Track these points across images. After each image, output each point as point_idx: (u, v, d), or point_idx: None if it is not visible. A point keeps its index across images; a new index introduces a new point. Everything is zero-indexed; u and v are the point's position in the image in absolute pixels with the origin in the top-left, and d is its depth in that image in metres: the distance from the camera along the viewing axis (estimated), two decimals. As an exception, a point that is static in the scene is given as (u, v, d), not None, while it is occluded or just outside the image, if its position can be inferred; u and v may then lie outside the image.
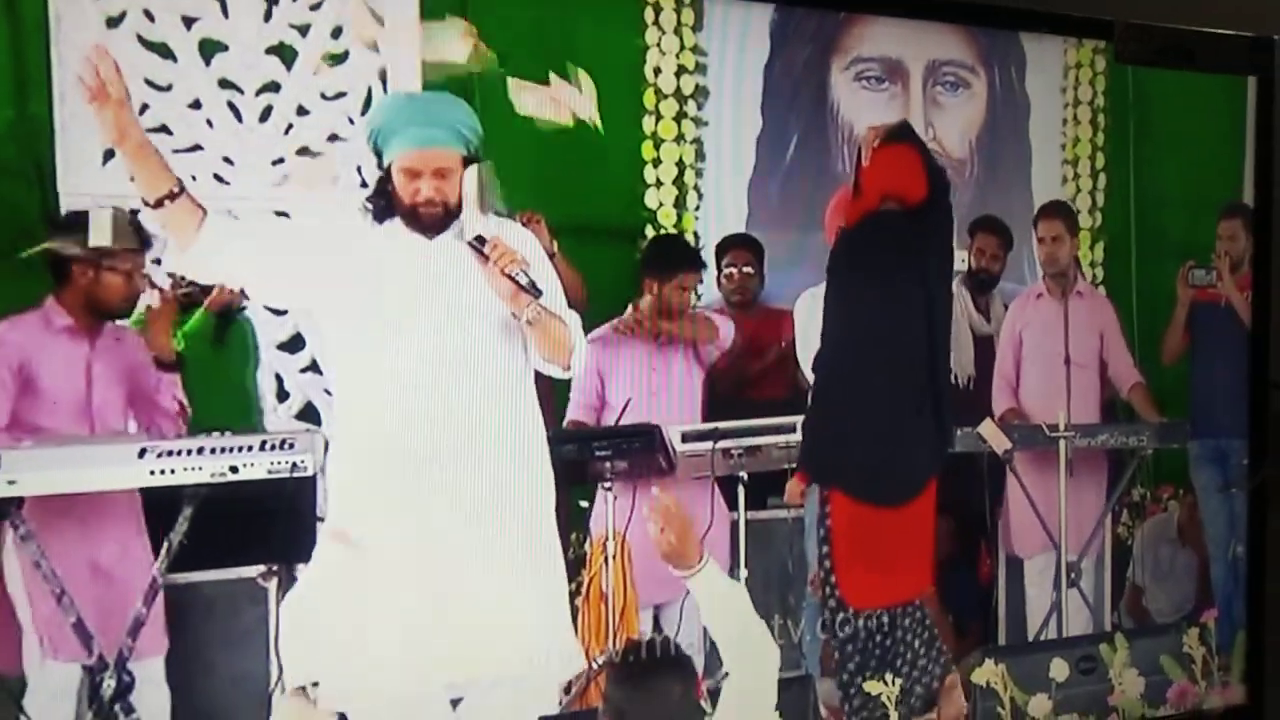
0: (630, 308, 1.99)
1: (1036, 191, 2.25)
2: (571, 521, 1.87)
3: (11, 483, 1.55)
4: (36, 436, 1.60)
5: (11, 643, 1.61)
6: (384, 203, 1.67)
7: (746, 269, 2.05)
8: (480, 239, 1.65)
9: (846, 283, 2.00)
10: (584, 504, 1.93)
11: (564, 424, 1.95)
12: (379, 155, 1.66)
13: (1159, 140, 2.32)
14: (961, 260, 2.21)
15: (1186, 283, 2.36)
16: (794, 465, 2.04)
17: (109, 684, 1.64)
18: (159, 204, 1.54)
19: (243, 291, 1.70)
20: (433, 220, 1.66)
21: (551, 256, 1.77)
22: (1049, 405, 2.27)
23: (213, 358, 1.76)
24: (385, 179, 1.66)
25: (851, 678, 2.05)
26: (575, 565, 1.89)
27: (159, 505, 1.64)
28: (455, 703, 1.73)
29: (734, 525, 2.01)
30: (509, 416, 1.72)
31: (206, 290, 1.71)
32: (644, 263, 1.98)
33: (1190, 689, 2.35)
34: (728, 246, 2.05)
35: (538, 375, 1.75)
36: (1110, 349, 2.35)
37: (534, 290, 1.65)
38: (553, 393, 1.84)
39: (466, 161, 1.68)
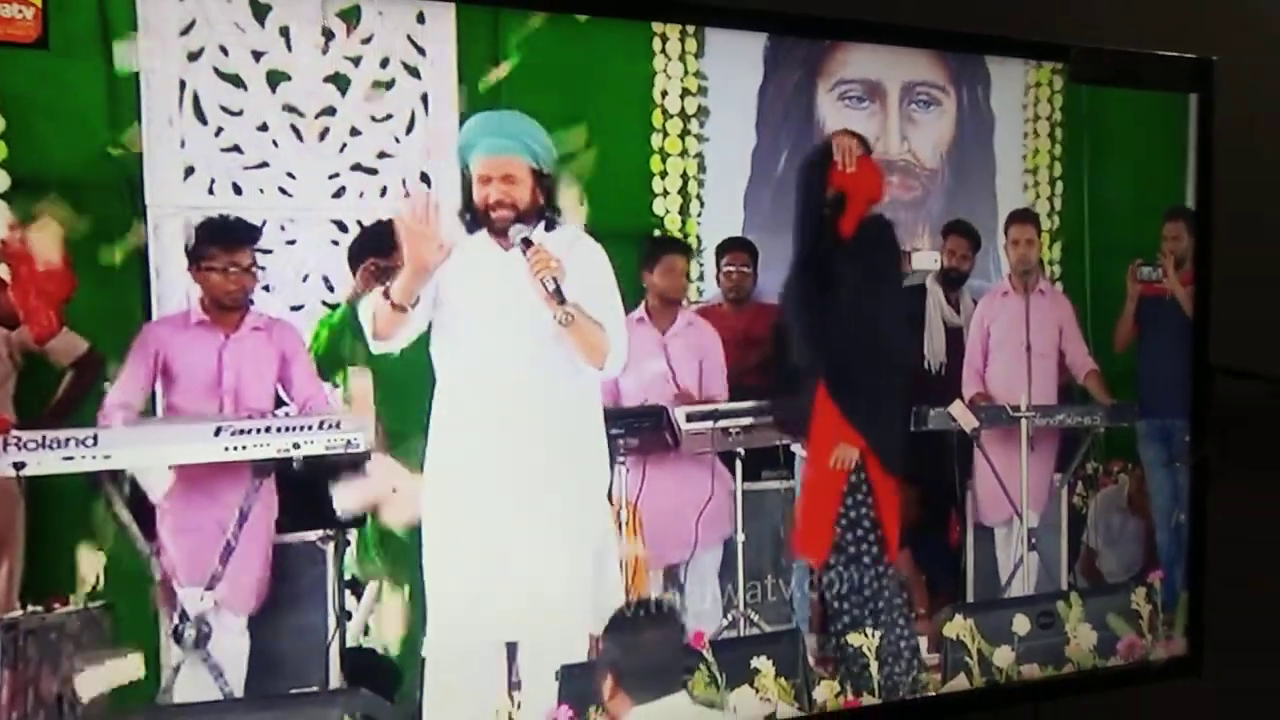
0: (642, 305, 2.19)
1: (1000, 198, 2.44)
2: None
3: (108, 457, 1.77)
4: (171, 414, 1.83)
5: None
6: (470, 215, 1.88)
7: (743, 269, 2.26)
8: (527, 241, 1.85)
9: (854, 282, 2.21)
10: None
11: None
12: (466, 171, 1.87)
13: (1109, 151, 2.50)
14: (935, 260, 2.42)
15: (1135, 278, 2.55)
16: (785, 442, 2.28)
17: (190, 633, 1.87)
18: (394, 306, 1.80)
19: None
20: (504, 224, 1.86)
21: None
22: (1012, 389, 2.47)
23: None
24: (469, 194, 1.87)
25: (844, 630, 2.27)
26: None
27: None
28: (511, 648, 1.95)
29: (732, 495, 2.23)
30: (570, 404, 1.94)
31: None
32: (642, 262, 2.17)
33: (1138, 642, 2.53)
34: (726, 249, 2.26)
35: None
36: (1068, 339, 2.54)
37: (558, 297, 1.85)
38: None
39: (536, 175, 1.89)
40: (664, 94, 2.13)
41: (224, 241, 1.82)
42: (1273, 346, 2.82)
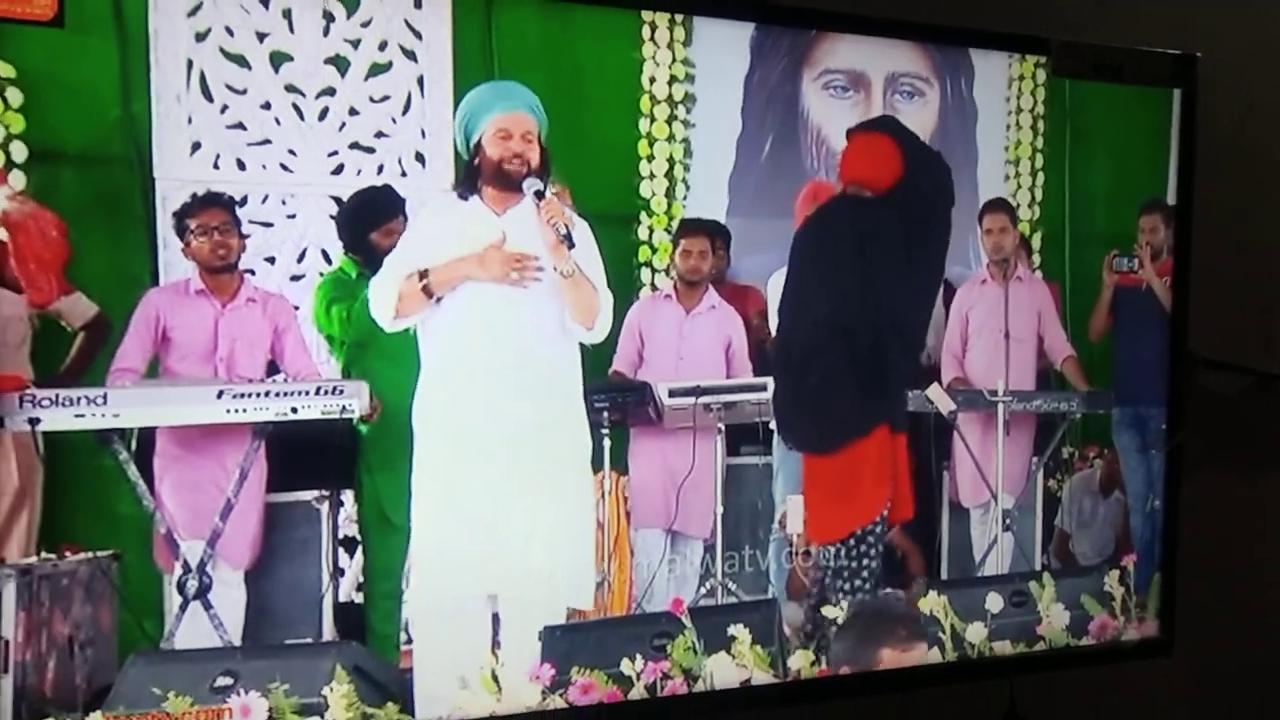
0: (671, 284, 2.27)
1: (982, 188, 2.48)
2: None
3: (116, 415, 1.87)
4: (168, 378, 1.93)
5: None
6: (469, 181, 1.99)
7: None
8: (540, 193, 1.95)
9: (801, 263, 2.26)
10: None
11: (609, 373, 2.23)
12: (468, 138, 1.97)
13: (1089, 143, 2.54)
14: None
15: (1110, 269, 2.59)
16: (765, 419, 2.35)
17: (192, 584, 1.98)
18: (431, 296, 1.95)
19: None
20: (517, 178, 1.97)
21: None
22: (991, 374, 2.52)
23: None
24: (473, 156, 1.97)
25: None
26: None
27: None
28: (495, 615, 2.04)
29: (711, 469, 2.29)
30: (555, 370, 2.03)
31: None
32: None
33: (1110, 623, 2.57)
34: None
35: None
36: (1046, 326, 2.58)
37: (569, 242, 1.94)
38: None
39: (540, 142, 1.99)
40: (652, 80, 2.21)
41: (203, 208, 1.91)
42: (1249, 339, 2.88)
